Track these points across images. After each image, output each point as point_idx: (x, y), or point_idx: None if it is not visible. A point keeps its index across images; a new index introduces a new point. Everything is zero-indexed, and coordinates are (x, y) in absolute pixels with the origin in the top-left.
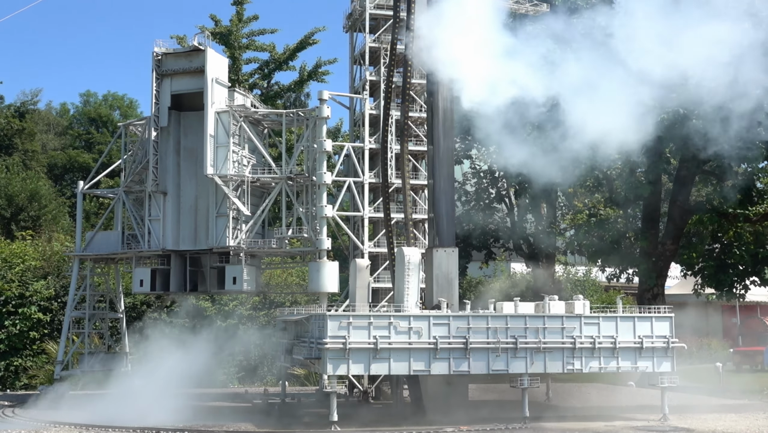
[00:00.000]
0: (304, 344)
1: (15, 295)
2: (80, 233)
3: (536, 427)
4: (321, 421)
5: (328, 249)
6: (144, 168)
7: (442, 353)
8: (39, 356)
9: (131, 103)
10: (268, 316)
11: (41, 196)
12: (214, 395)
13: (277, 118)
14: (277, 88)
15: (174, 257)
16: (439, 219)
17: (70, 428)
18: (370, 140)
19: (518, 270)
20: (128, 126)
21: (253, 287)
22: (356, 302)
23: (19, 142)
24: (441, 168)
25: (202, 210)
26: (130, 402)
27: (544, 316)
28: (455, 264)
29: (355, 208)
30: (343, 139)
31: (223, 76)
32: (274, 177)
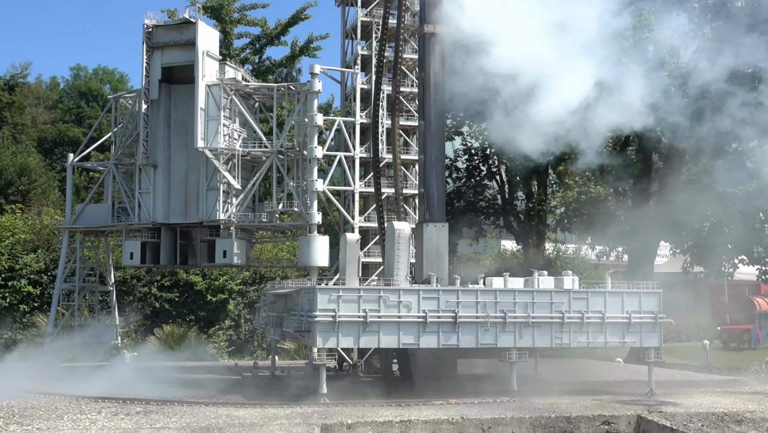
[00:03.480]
0: (293, 317)
1: (5, 268)
2: (70, 205)
3: (524, 401)
4: (310, 393)
5: (319, 223)
6: (134, 141)
7: (431, 327)
8: (29, 329)
9: (122, 77)
10: (258, 291)
11: (31, 170)
12: (204, 368)
13: (268, 92)
14: (269, 63)
15: (164, 230)
16: (429, 194)
17: (60, 399)
18: (361, 115)
19: (508, 247)
20: (119, 99)
21: (243, 260)
22: (346, 276)
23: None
24: (432, 143)
25: (192, 183)
26: (121, 374)
27: (533, 291)
28: (445, 239)
29: (345, 182)
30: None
31: (214, 50)
32: (265, 151)
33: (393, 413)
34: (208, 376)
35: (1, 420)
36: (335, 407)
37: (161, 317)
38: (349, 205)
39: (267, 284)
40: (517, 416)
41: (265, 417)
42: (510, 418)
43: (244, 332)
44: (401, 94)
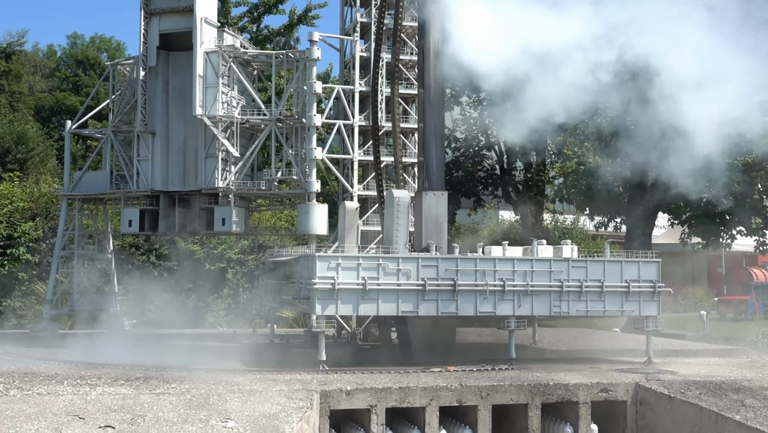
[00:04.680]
0: (292, 285)
1: (3, 236)
2: (68, 173)
3: (522, 368)
4: (309, 361)
5: (317, 191)
6: (132, 108)
7: (430, 295)
8: (28, 297)
9: (119, 45)
10: (257, 259)
11: (28, 139)
12: (202, 336)
13: (266, 60)
14: (267, 32)
15: (163, 198)
16: (428, 162)
17: (59, 365)
18: (360, 83)
19: (507, 217)
20: (116, 66)
21: (242, 228)
22: (345, 244)
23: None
24: (431, 111)
25: (190, 151)
26: (120, 341)
27: (532, 259)
28: (444, 207)
29: (344, 151)
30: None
31: (212, 16)
32: (264, 119)
33: (392, 379)
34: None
35: (2, 385)
36: (334, 373)
37: (160, 285)
38: (347, 173)
39: (266, 252)
40: (515, 384)
41: (265, 384)
42: (508, 385)
43: (242, 301)
44: (401, 62)
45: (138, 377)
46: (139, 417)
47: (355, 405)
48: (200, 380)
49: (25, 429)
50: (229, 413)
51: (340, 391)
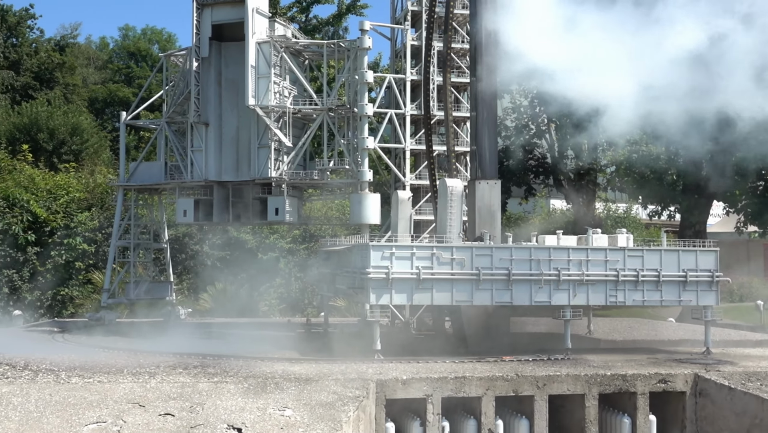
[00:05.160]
0: (347, 274)
1: (60, 226)
2: (124, 164)
3: (578, 358)
4: (364, 350)
5: (370, 181)
6: (186, 99)
7: (484, 284)
8: (85, 286)
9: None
10: (308, 249)
11: (83, 130)
12: (256, 325)
13: (318, 50)
14: (316, 21)
15: (216, 188)
16: (481, 151)
17: (118, 353)
18: (411, 72)
19: (558, 207)
20: (169, 57)
21: (295, 218)
22: (398, 233)
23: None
24: (484, 100)
25: (243, 141)
26: (176, 330)
27: (587, 248)
28: (498, 196)
29: (396, 140)
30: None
31: (263, 6)
32: (316, 108)
33: (447, 369)
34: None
35: (64, 373)
36: (389, 363)
37: (213, 274)
38: (399, 162)
39: (318, 242)
40: (572, 374)
41: (321, 373)
42: (565, 375)
43: (294, 290)
44: (452, 51)
45: (195, 365)
46: (197, 405)
47: (411, 395)
48: (257, 368)
49: (88, 416)
50: (287, 402)
51: (396, 380)
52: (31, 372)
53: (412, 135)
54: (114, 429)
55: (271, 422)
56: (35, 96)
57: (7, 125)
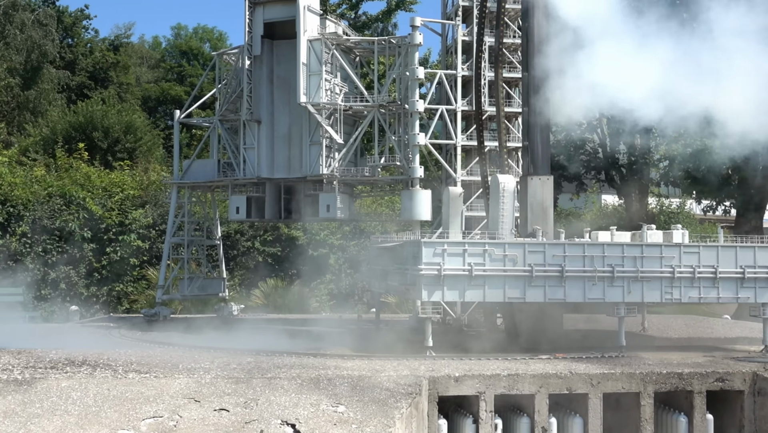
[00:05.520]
0: (398, 271)
1: (115, 223)
2: (178, 161)
3: (633, 356)
4: (416, 346)
5: (421, 177)
6: (238, 97)
7: (537, 281)
8: (139, 282)
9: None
10: (358, 245)
11: (136, 128)
12: (308, 321)
13: (369, 46)
14: (365, 18)
15: (269, 185)
16: (533, 147)
17: (173, 349)
18: (462, 67)
19: (610, 202)
20: (222, 55)
21: (346, 214)
22: (449, 230)
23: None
24: (536, 95)
25: (295, 138)
26: (229, 326)
27: (642, 245)
28: (550, 192)
29: (446, 136)
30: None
31: (314, 4)
32: (367, 105)
33: (500, 366)
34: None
35: (121, 368)
36: (442, 360)
37: (264, 270)
38: (450, 158)
39: (369, 238)
40: (627, 372)
41: (373, 369)
42: (620, 373)
43: (344, 286)
44: (504, 46)
45: (249, 361)
46: (251, 401)
47: (464, 392)
48: (310, 364)
49: (144, 411)
50: (340, 398)
51: (449, 377)
52: (90, 367)
53: (463, 131)
54: (170, 424)
55: (324, 418)
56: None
57: (64, 124)
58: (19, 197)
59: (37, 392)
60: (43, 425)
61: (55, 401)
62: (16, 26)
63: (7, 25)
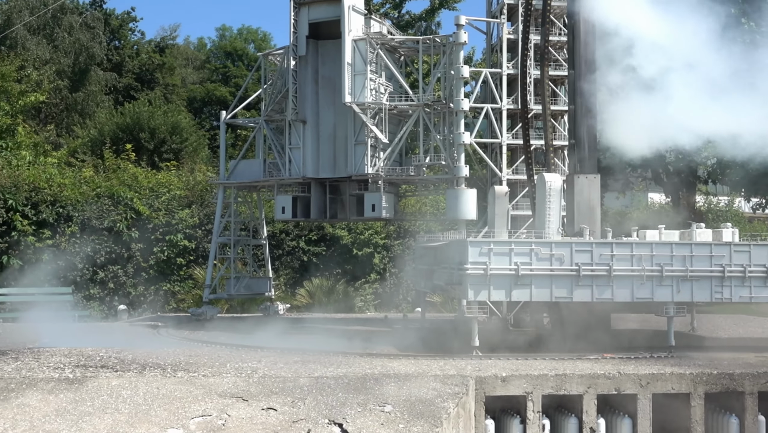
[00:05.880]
0: (444, 270)
1: (162, 223)
2: (224, 162)
3: (683, 356)
4: (462, 346)
5: (466, 176)
6: (283, 97)
7: (584, 280)
8: (186, 281)
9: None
10: (403, 244)
11: (182, 129)
12: (353, 320)
13: (413, 45)
14: (408, 17)
15: (314, 185)
16: (580, 145)
17: (221, 348)
18: (508, 66)
19: (656, 200)
20: (267, 56)
21: (391, 214)
22: (495, 229)
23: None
24: (582, 93)
25: (340, 138)
26: (275, 325)
27: (691, 243)
28: (597, 191)
29: (492, 135)
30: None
31: (359, 4)
32: (412, 104)
33: (547, 366)
34: (359, 328)
35: (170, 367)
36: (488, 360)
37: (309, 270)
38: (495, 157)
39: (414, 238)
40: (677, 372)
41: (419, 369)
42: (669, 373)
43: (389, 285)
44: (549, 43)
45: (296, 360)
46: (299, 400)
47: (511, 392)
48: (356, 364)
49: (193, 409)
50: (386, 398)
51: (496, 377)
52: (139, 366)
53: (509, 129)
54: (219, 423)
55: (371, 418)
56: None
57: (111, 125)
58: (68, 198)
59: (88, 391)
60: (94, 423)
61: (105, 400)
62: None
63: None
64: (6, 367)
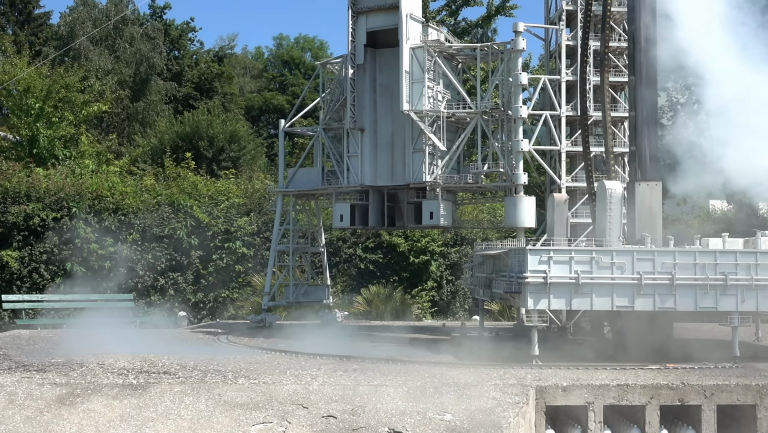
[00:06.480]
0: (503, 279)
1: (221, 230)
2: (283, 170)
3: (748, 367)
4: (521, 355)
5: (525, 184)
6: (342, 105)
7: (646, 289)
8: (244, 288)
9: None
10: (459, 252)
11: (240, 137)
12: (410, 328)
13: (471, 53)
14: (464, 24)
15: (372, 193)
16: (641, 152)
17: (280, 355)
18: (566, 72)
19: (717, 207)
20: (325, 65)
21: (449, 222)
22: (554, 236)
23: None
24: (643, 99)
25: (398, 146)
26: (334, 332)
27: (756, 252)
28: (659, 198)
29: (550, 142)
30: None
31: (416, 12)
32: (470, 112)
33: (609, 376)
34: (417, 336)
35: (231, 374)
36: (548, 369)
37: (366, 277)
38: (554, 164)
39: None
40: (742, 383)
41: (479, 377)
42: (734, 385)
43: (446, 293)
44: (609, 49)
45: (355, 368)
46: (359, 408)
47: (572, 402)
48: (415, 372)
49: (254, 416)
50: (446, 406)
51: (556, 387)
52: (200, 372)
53: (568, 136)
54: (279, 430)
55: (431, 427)
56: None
57: (171, 134)
58: (129, 206)
59: (151, 397)
60: (157, 428)
61: (168, 406)
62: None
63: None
64: (71, 372)
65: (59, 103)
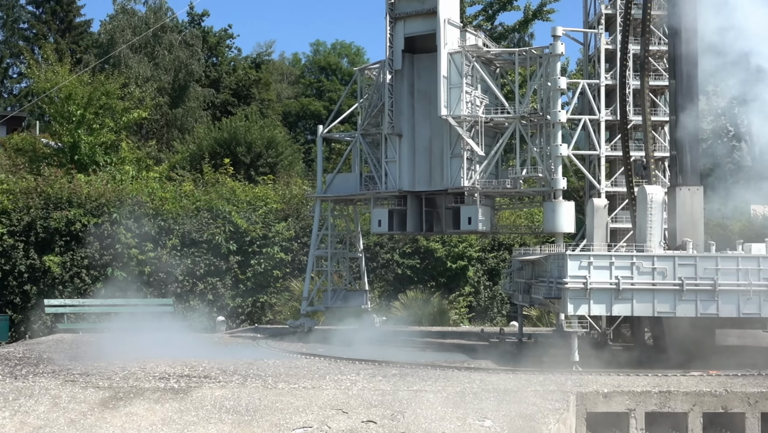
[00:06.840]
0: (542, 284)
1: (259, 236)
2: (321, 175)
3: None
4: (561, 361)
5: (564, 189)
6: (379, 111)
7: (688, 295)
8: (282, 293)
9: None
10: (497, 257)
11: (277, 143)
12: (449, 334)
13: (509, 57)
14: (501, 29)
15: (410, 198)
16: (681, 157)
17: (320, 360)
18: (606, 76)
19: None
20: (363, 71)
21: (487, 227)
22: (594, 242)
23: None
24: (684, 103)
25: (436, 151)
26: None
27: None
28: (700, 203)
29: (590, 146)
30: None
31: (454, 17)
32: (508, 117)
33: (651, 382)
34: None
35: (271, 378)
36: (589, 375)
37: (404, 283)
38: (594, 169)
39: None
40: None
41: (519, 383)
42: None
43: (483, 299)
44: (649, 53)
45: (394, 373)
46: (398, 413)
47: (613, 408)
48: (454, 378)
49: (294, 421)
50: (485, 412)
51: (597, 393)
52: (240, 377)
53: (607, 141)
54: None
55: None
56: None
57: (209, 140)
58: (169, 211)
59: (193, 401)
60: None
61: (209, 410)
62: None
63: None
64: (114, 376)
65: (100, 110)
